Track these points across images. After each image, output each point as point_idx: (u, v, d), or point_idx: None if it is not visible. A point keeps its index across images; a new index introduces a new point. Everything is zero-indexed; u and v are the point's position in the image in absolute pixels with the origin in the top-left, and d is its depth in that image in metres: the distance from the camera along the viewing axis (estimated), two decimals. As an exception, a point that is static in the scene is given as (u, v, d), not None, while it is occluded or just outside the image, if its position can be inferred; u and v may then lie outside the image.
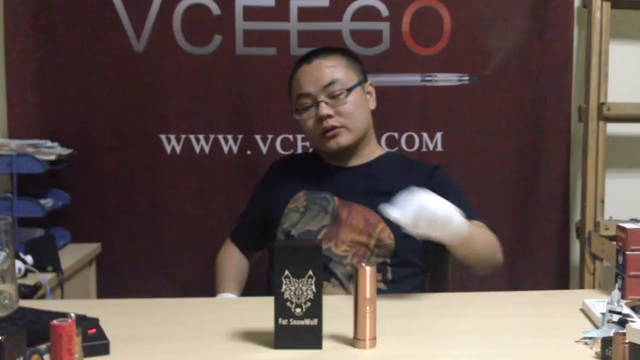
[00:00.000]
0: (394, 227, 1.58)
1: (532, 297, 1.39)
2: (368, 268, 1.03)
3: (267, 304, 1.07)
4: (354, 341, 1.05)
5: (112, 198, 2.44)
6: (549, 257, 2.52)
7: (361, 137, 1.67)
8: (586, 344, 1.06)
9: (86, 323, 1.04)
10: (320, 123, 1.61)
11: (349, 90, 1.63)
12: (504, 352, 1.05)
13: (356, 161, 1.70)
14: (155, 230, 2.47)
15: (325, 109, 1.60)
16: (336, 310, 1.12)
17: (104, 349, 1.01)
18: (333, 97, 1.62)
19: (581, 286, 2.44)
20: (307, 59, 1.67)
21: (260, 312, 1.17)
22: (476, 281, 2.40)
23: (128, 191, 2.44)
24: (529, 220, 2.51)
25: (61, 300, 1.85)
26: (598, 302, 1.23)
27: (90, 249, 2.34)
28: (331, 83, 1.61)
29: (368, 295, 1.03)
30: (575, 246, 2.53)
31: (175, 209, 2.46)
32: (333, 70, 1.63)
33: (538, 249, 2.53)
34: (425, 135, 2.47)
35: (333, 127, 1.61)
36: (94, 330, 1.02)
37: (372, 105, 1.71)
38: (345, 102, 1.62)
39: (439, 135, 2.47)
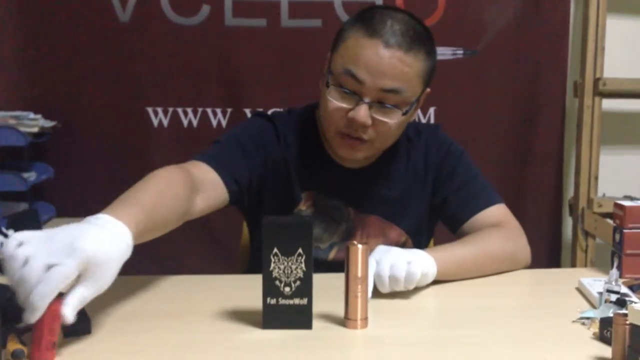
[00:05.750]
0: (414, 235, 1.43)
1: (525, 276, 1.36)
2: (360, 246, 0.99)
3: (255, 282, 1.03)
4: (345, 321, 1.02)
5: (98, 172, 2.41)
6: (541, 234, 2.52)
7: (380, 151, 1.38)
8: (583, 324, 1.03)
9: (66, 301, 1.00)
10: (349, 123, 1.26)
11: (405, 112, 1.28)
12: (498, 332, 1.02)
13: (366, 160, 1.40)
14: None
15: (364, 117, 1.24)
16: (327, 290, 1.09)
17: (86, 328, 0.97)
18: (381, 103, 1.25)
19: (573, 263, 2.43)
20: (386, 37, 1.23)
21: (249, 290, 1.12)
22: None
23: (114, 165, 2.41)
24: (521, 196, 2.50)
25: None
26: (594, 281, 1.20)
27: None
28: (392, 91, 1.24)
29: (359, 275, 0.99)
30: (568, 223, 2.51)
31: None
32: (405, 75, 1.24)
33: (530, 225, 2.48)
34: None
35: (359, 138, 1.29)
36: (74, 309, 0.97)
37: (412, 117, 1.38)
38: (392, 122, 1.27)
39: (432, 110, 2.44)
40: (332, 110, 1.27)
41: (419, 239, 1.46)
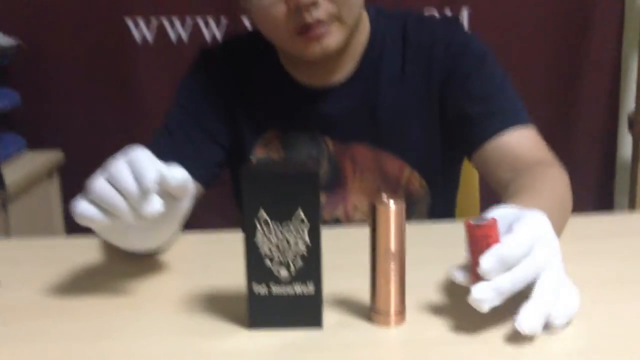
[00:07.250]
0: (422, 168, 1.10)
1: (600, 224, 1.02)
2: (392, 204, 0.65)
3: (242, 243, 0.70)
4: (372, 315, 0.69)
5: (74, 97, 2.12)
6: (592, 153, 2.22)
7: (354, 29, 1.05)
8: None
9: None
10: (297, 15, 0.97)
11: None
12: (582, 329, 0.69)
13: (341, 67, 1.09)
14: (128, 133, 2.11)
15: None
16: (338, 264, 0.76)
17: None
18: None
19: (632, 186, 2.17)
20: None
21: (232, 258, 0.79)
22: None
23: (92, 88, 2.12)
24: (570, 109, 2.18)
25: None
26: None
27: (49, 156, 2.04)
28: None
29: (393, 248, 0.66)
30: (626, 140, 2.21)
31: (150, 108, 2.14)
32: None
33: (579, 141, 2.20)
34: (447, 11, 2.11)
35: (319, 23, 0.97)
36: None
37: None
38: None
39: (465, 11, 2.10)
40: (272, 11, 0.97)
41: (433, 180, 1.11)
